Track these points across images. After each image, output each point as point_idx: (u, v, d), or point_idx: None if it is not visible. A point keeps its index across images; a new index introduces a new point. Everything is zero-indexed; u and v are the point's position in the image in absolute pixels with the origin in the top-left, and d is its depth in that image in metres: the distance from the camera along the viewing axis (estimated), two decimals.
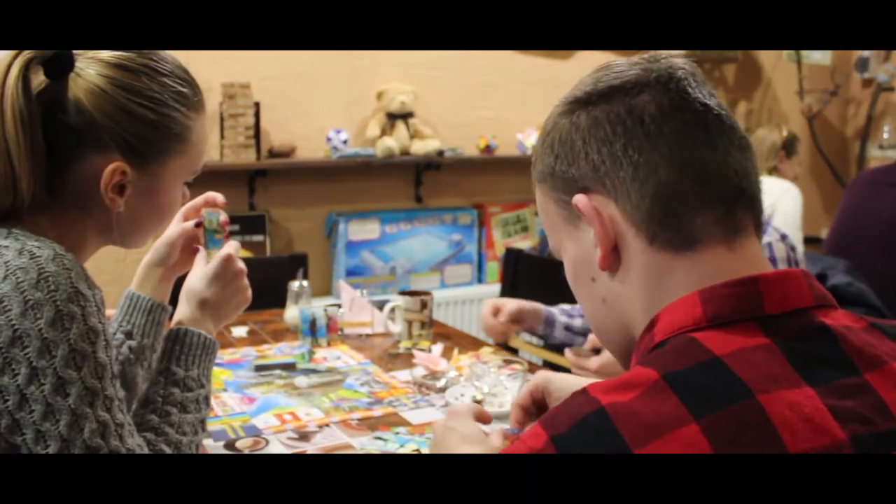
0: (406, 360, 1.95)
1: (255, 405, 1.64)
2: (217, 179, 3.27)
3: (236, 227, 3.31)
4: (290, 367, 1.88)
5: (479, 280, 3.86)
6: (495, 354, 2.00)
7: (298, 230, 3.52)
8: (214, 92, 3.13)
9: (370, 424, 1.53)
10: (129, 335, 1.23)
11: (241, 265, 1.22)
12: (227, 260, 1.19)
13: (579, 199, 0.73)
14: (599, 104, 0.73)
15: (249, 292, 1.23)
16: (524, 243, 3.91)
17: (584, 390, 0.65)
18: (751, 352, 0.64)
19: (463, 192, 3.84)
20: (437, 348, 1.90)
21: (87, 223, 1.02)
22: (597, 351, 1.66)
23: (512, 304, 1.97)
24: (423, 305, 2.12)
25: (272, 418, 1.56)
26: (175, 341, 1.13)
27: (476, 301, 3.70)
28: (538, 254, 3.71)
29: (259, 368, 1.87)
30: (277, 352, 2.03)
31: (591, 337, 1.72)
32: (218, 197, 1.29)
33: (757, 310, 0.67)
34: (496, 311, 1.97)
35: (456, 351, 1.93)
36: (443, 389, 1.70)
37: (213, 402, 1.64)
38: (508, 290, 2.82)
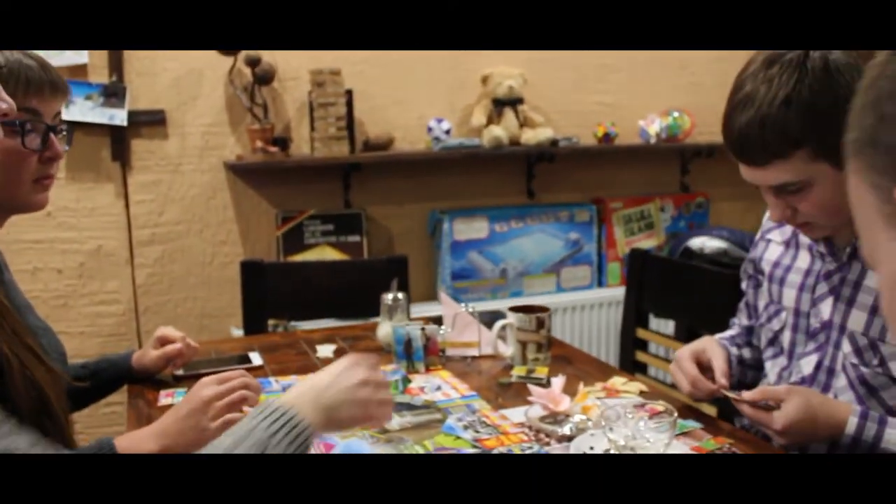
0: (520, 391, 1.60)
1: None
2: (309, 175, 3.01)
3: (330, 227, 3.03)
4: None
5: (600, 283, 3.48)
6: (628, 385, 1.63)
7: (399, 229, 3.22)
8: (302, 80, 2.86)
9: None
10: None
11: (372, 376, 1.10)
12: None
13: None
14: None
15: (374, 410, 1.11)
16: (649, 242, 3.51)
17: None
18: None
19: (580, 185, 3.46)
20: (558, 381, 1.52)
21: None
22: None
23: (720, 356, 1.47)
24: (540, 324, 1.76)
25: None
26: None
27: (596, 306, 3.34)
28: (665, 254, 3.32)
29: None
30: None
31: (763, 388, 1.32)
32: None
33: None
34: (702, 365, 1.48)
35: (581, 385, 1.56)
36: (568, 437, 1.35)
37: None
38: (634, 296, 2.50)
